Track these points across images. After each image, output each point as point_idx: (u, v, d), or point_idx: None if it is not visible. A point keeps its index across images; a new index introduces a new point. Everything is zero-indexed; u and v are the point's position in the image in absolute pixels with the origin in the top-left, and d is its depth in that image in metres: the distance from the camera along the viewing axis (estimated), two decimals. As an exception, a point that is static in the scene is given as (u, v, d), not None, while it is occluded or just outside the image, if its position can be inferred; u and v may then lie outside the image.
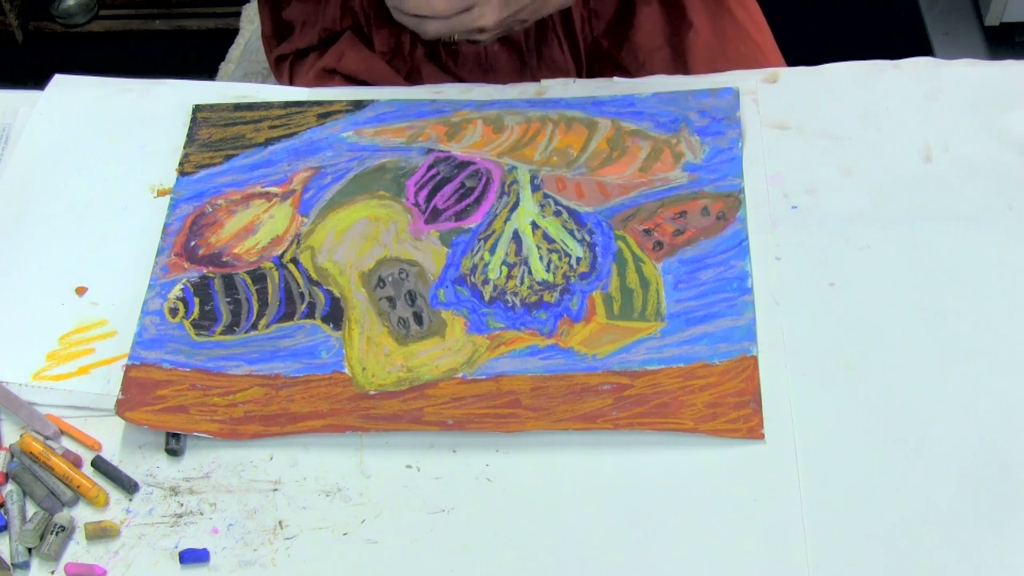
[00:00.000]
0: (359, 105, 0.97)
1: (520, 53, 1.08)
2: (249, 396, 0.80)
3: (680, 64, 1.10)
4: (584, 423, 0.77)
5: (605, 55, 1.10)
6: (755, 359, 0.79)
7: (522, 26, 0.99)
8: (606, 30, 1.09)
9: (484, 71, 1.07)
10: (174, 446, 0.79)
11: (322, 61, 1.11)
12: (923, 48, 1.95)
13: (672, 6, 1.09)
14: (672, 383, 0.78)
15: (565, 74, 1.08)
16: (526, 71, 1.08)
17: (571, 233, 0.87)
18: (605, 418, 0.77)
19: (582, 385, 0.79)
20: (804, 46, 1.20)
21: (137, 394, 0.80)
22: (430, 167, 0.92)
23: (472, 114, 0.95)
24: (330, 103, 0.97)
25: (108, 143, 0.97)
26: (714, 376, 0.78)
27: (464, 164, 0.92)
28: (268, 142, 0.95)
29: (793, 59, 1.08)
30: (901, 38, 2.00)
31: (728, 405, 0.77)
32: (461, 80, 1.07)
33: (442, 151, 0.93)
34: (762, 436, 0.76)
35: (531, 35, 1.08)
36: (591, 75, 1.10)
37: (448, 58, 1.08)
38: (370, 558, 0.74)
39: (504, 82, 0.98)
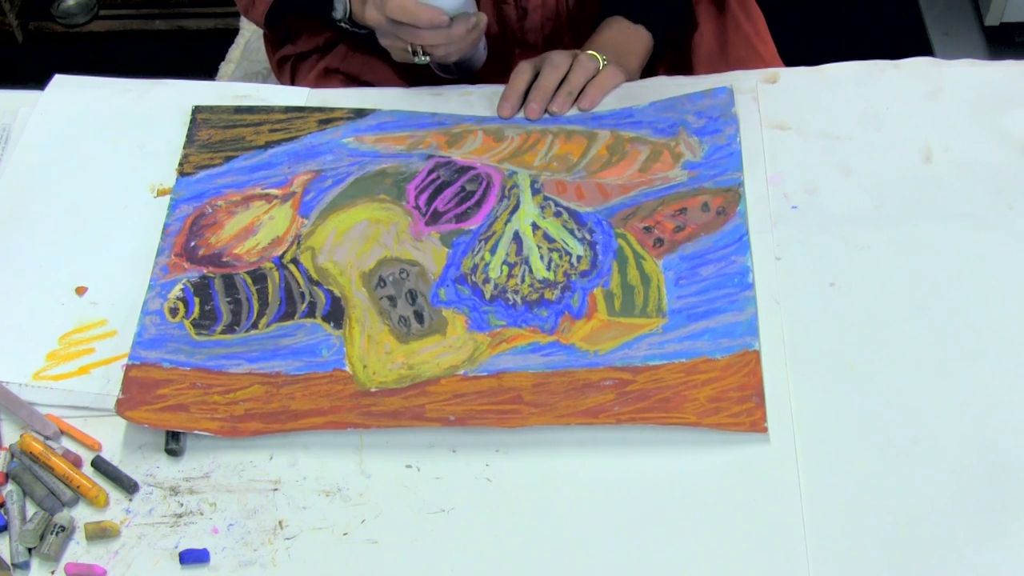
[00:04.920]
0: (361, 113, 0.97)
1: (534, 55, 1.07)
2: (250, 394, 0.80)
3: (683, 67, 1.10)
4: (586, 418, 0.77)
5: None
6: (757, 354, 0.79)
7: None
8: None
9: (497, 72, 1.07)
10: (174, 446, 0.79)
11: (324, 62, 1.11)
12: (923, 48, 1.95)
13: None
14: (674, 378, 0.78)
15: None
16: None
17: (571, 232, 0.87)
18: (607, 413, 0.77)
19: (584, 381, 0.79)
20: (804, 46, 1.20)
21: (137, 393, 0.80)
22: (430, 171, 0.92)
23: (473, 126, 0.95)
24: (331, 110, 0.97)
25: (108, 143, 0.97)
26: (716, 371, 0.78)
27: (464, 169, 0.92)
28: (268, 145, 0.95)
29: (793, 59, 1.08)
30: (901, 38, 2.00)
31: (731, 399, 0.77)
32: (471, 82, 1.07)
33: (442, 156, 0.93)
34: (765, 429, 0.76)
35: (545, 37, 1.08)
36: None
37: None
38: (370, 558, 0.74)
39: None
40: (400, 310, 0.84)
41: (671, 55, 1.11)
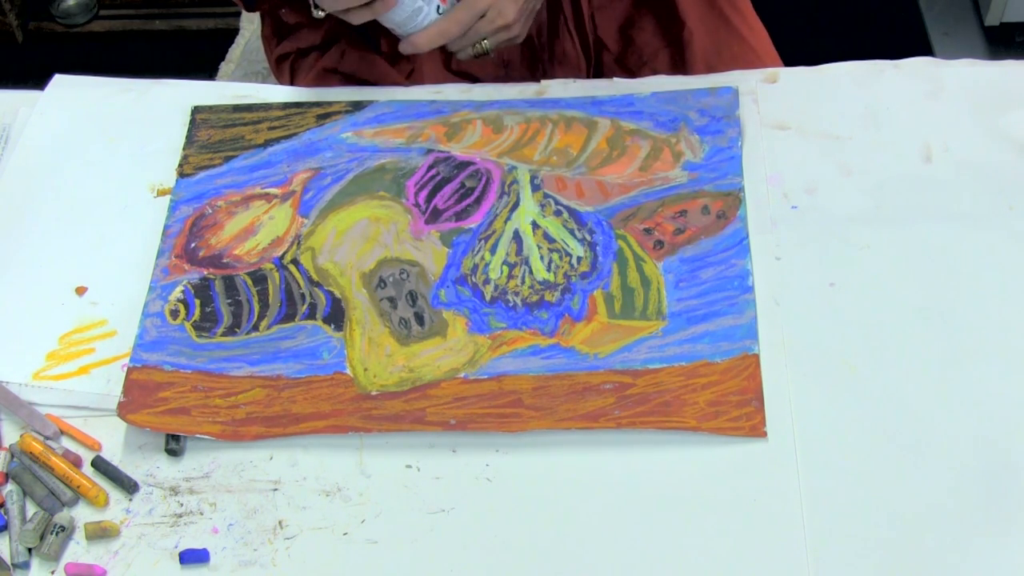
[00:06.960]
0: (358, 106, 0.97)
1: (532, 48, 1.08)
2: (251, 397, 0.80)
3: (681, 65, 1.10)
4: (586, 422, 0.77)
5: (611, 54, 1.10)
6: (757, 357, 0.79)
7: (538, 3, 0.98)
8: (613, 30, 1.09)
9: (496, 66, 1.07)
10: (174, 446, 0.79)
11: (323, 61, 1.11)
12: (923, 48, 1.95)
13: (665, 7, 1.09)
14: (674, 382, 0.78)
15: (576, 69, 1.08)
16: (537, 66, 1.08)
17: (572, 232, 0.87)
18: (607, 417, 0.77)
19: (584, 384, 0.79)
20: (804, 46, 1.20)
21: (139, 396, 0.80)
22: (430, 167, 0.92)
23: (471, 114, 0.95)
24: (329, 103, 0.97)
25: (108, 143, 0.97)
26: (716, 375, 0.78)
27: (464, 164, 0.92)
28: (267, 143, 0.95)
29: (793, 59, 1.07)
30: (901, 38, 2.00)
31: (730, 403, 0.77)
32: (473, 77, 1.07)
33: (442, 151, 0.93)
34: (764, 434, 0.76)
35: (543, 30, 1.08)
36: (599, 71, 1.10)
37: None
38: (370, 558, 0.74)
39: (516, 78, 0.98)
40: (400, 312, 0.84)
41: (669, 55, 1.11)
